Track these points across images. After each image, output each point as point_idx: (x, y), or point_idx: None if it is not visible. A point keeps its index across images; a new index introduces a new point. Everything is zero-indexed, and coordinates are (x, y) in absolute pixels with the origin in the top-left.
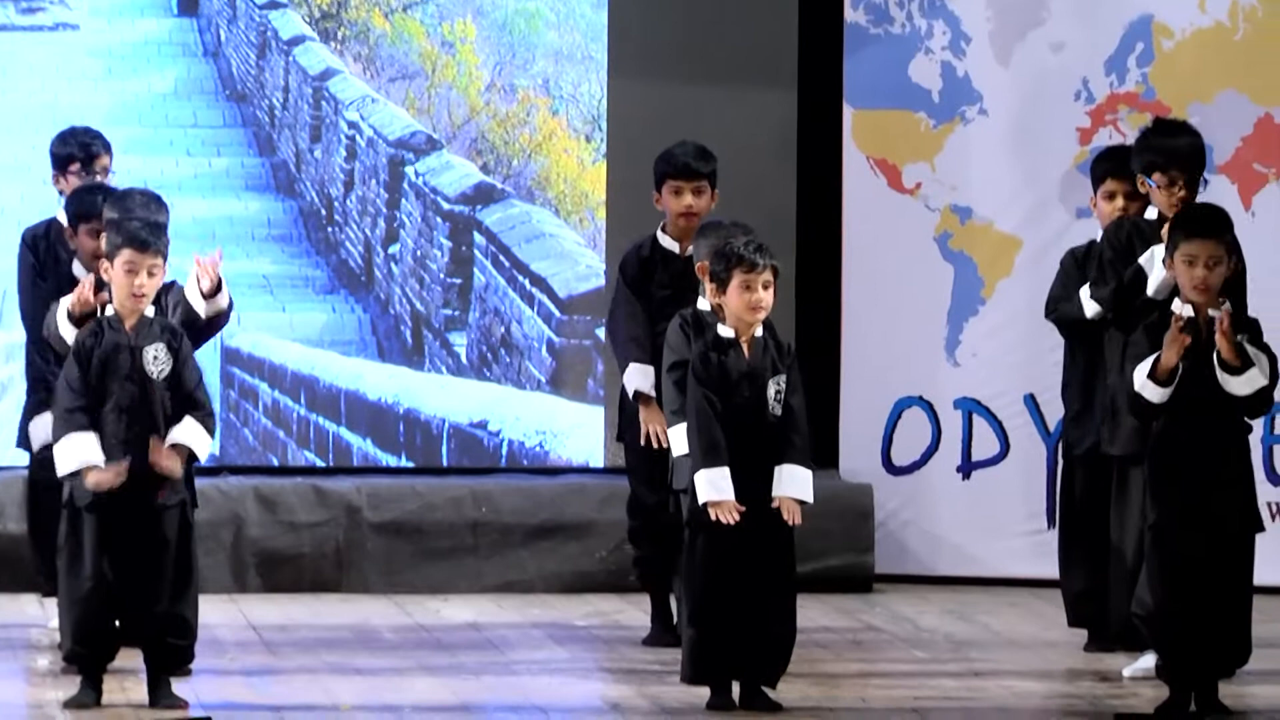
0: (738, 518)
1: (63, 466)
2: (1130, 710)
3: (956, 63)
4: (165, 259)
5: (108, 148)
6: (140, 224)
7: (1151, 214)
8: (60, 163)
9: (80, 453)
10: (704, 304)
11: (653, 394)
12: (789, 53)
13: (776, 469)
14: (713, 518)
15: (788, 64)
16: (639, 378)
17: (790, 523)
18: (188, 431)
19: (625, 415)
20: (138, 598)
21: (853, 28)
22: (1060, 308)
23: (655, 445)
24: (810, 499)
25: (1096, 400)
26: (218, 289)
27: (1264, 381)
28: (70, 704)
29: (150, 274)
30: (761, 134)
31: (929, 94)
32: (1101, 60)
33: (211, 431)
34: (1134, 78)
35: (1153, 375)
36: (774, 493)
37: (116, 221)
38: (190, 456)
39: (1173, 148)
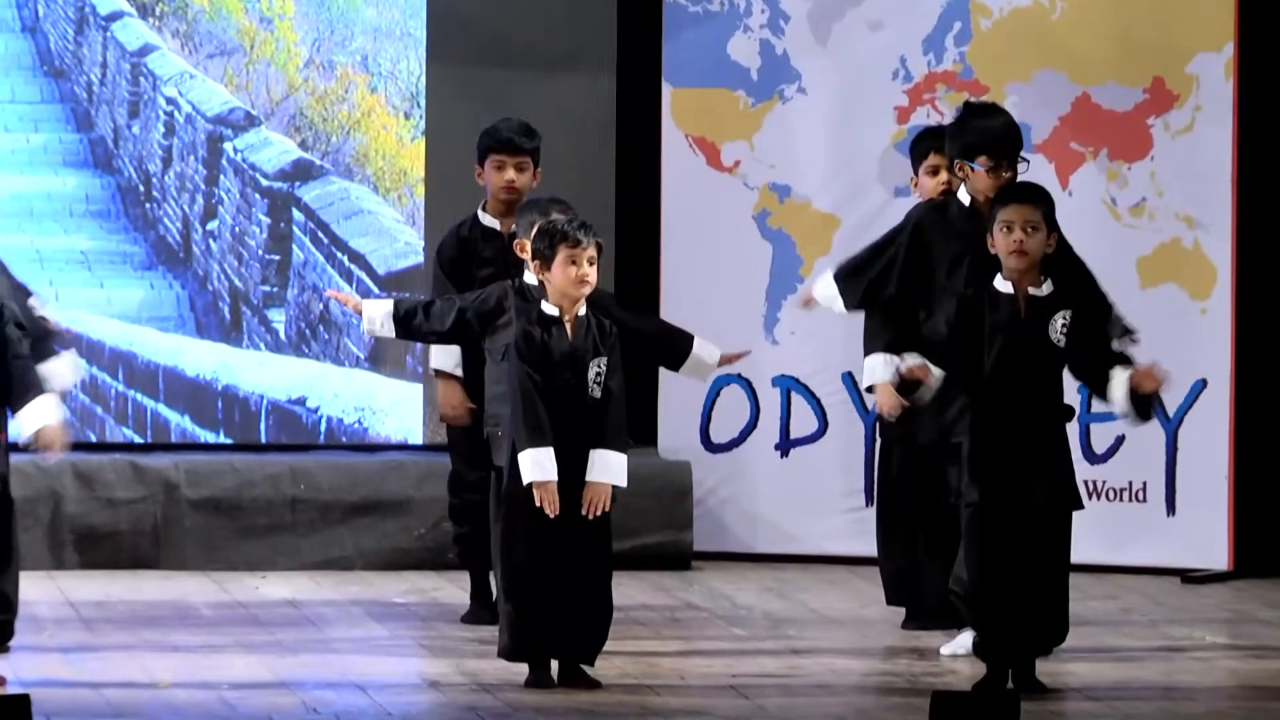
0: (557, 508)
1: None
2: (948, 688)
3: (775, 41)
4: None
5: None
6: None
7: (964, 199)
8: None
9: None
10: (530, 279)
11: (456, 372)
12: (609, 31)
13: (590, 453)
14: (537, 499)
15: (607, 42)
16: (443, 356)
17: (592, 512)
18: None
19: None
20: None
21: (672, 6)
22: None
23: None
24: (624, 483)
25: None
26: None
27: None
28: None
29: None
30: (581, 112)
31: (748, 72)
32: (919, 39)
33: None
34: (952, 57)
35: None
36: (586, 477)
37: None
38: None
39: (993, 130)
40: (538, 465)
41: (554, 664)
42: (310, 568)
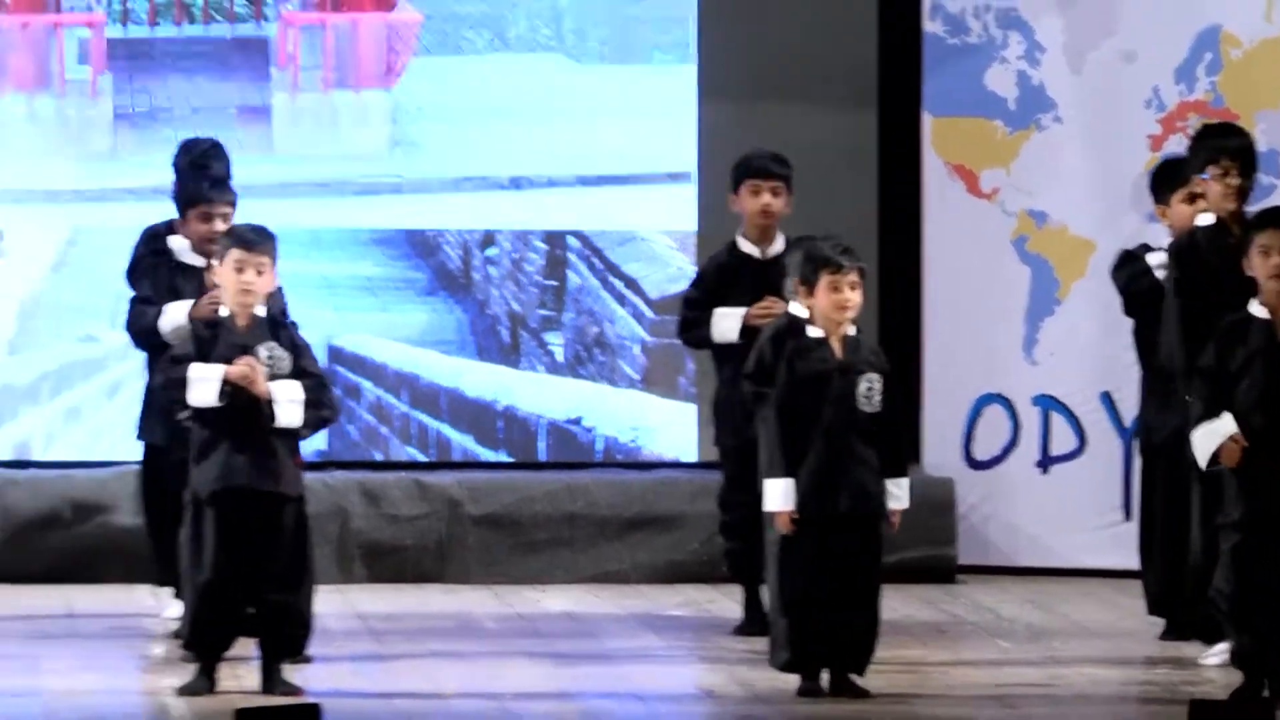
0: (790, 527)
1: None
2: (1205, 697)
3: (1032, 72)
4: (273, 259)
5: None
6: (247, 226)
7: (1205, 220)
8: (177, 173)
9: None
10: (796, 309)
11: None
12: (870, 65)
13: (886, 483)
14: (778, 526)
15: (869, 75)
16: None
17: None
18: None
19: (719, 417)
20: (256, 589)
21: (931, 39)
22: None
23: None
24: (907, 505)
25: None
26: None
27: None
28: (184, 691)
29: (258, 272)
30: (844, 143)
31: (1005, 102)
32: (1171, 69)
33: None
34: (1203, 86)
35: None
36: (889, 505)
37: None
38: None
39: (1223, 143)
40: (778, 495)
41: (824, 674)
42: (588, 581)
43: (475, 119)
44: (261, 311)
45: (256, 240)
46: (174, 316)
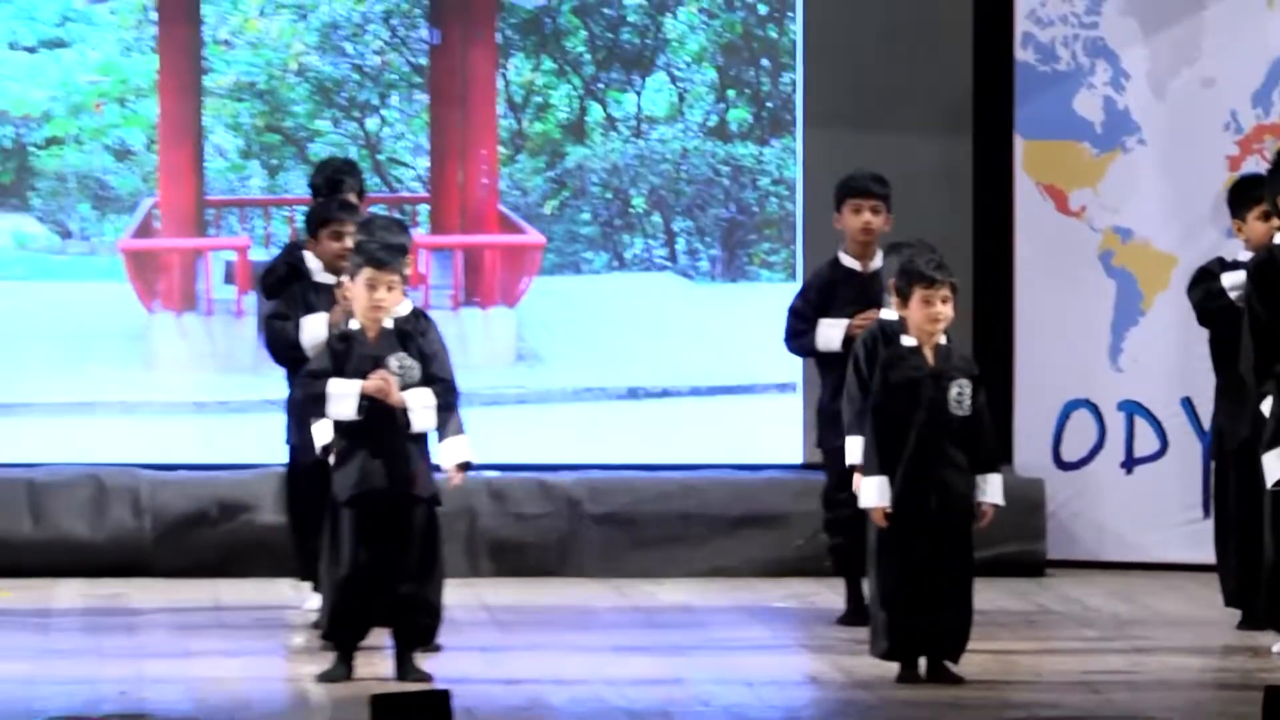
0: (885, 523)
1: (337, 409)
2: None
3: (1117, 97)
4: (404, 277)
5: (355, 175)
6: (378, 243)
7: None
8: (314, 192)
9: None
10: (890, 314)
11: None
12: (965, 91)
13: (980, 478)
14: (875, 520)
15: (964, 102)
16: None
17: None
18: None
19: (822, 421)
20: (390, 583)
21: (1023, 67)
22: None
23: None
24: (1003, 501)
25: (1247, 397)
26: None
27: None
28: (323, 678)
29: (388, 289)
30: (941, 165)
31: (1092, 125)
32: (1248, 94)
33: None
34: (1278, 110)
35: None
36: (982, 499)
37: (360, 244)
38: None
39: None
40: (873, 492)
41: (921, 661)
42: (699, 575)
43: (594, 333)
44: (390, 323)
45: (388, 260)
46: (313, 331)
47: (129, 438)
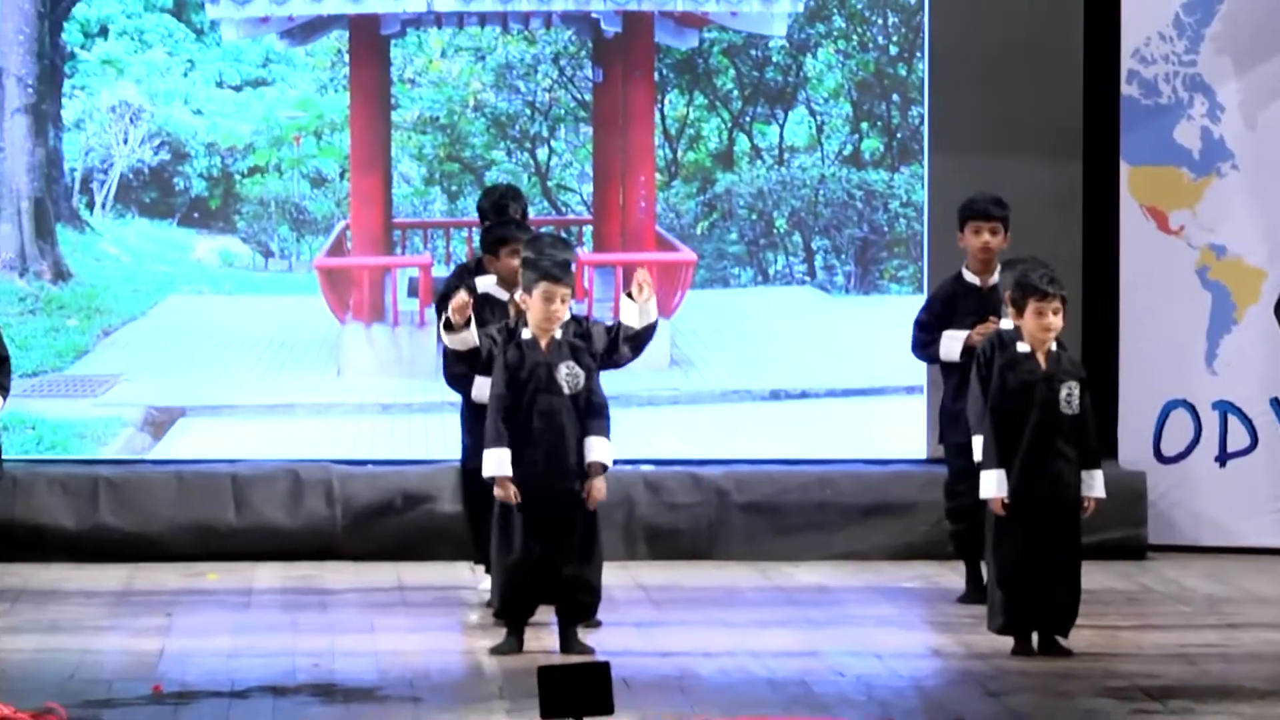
0: (1003, 511)
1: (486, 470)
2: None
3: (1213, 127)
4: (572, 290)
5: (519, 199)
6: (552, 262)
7: None
8: (481, 216)
9: (497, 465)
10: (1007, 323)
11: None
12: (1075, 121)
13: (1086, 473)
14: (993, 508)
15: (1075, 131)
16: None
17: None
18: (600, 449)
19: (944, 419)
20: (555, 565)
21: (1128, 100)
22: None
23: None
24: (1104, 495)
25: None
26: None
27: None
28: (496, 651)
29: (562, 301)
30: (1053, 189)
31: (1190, 153)
32: None
33: (608, 433)
34: None
35: None
36: (1087, 493)
37: (532, 260)
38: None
39: None
40: (992, 483)
41: (1034, 636)
42: (835, 558)
43: (740, 341)
44: (559, 333)
45: (561, 276)
46: (482, 390)
47: (322, 435)
